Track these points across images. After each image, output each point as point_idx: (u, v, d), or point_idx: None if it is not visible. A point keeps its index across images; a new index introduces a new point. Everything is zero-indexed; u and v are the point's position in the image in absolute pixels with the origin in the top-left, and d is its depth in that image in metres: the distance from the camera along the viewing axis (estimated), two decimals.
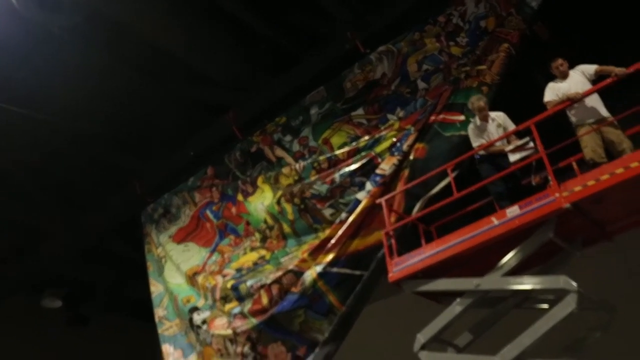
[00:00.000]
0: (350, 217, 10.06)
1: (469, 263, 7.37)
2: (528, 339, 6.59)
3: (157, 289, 12.69)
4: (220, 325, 10.90)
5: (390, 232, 8.18)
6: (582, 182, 6.70)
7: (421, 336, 7.31)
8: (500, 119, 8.31)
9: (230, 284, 11.00)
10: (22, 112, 11.24)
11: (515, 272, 7.08)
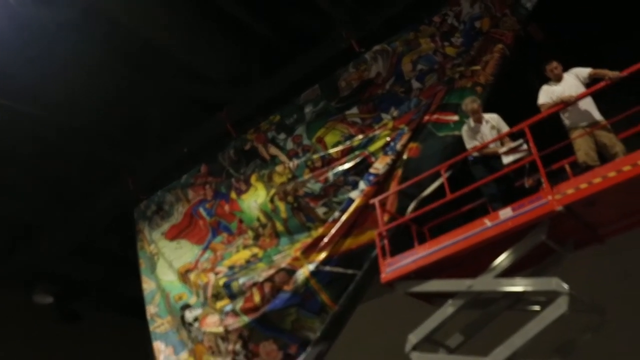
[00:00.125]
0: (343, 216, 10.07)
1: (461, 264, 7.39)
2: (519, 341, 6.62)
3: (149, 286, 12.65)
4: (212, 323, 10.88)
5: (383, 233, 8.18)
6: (574, 185, 6.73)
7: (413, 337, 7.33)
8: (494, 120, 8.32)
9: (222, 282, 10.98)
10: (14, 107, 11.18)
11: (508, 273, 7.12)
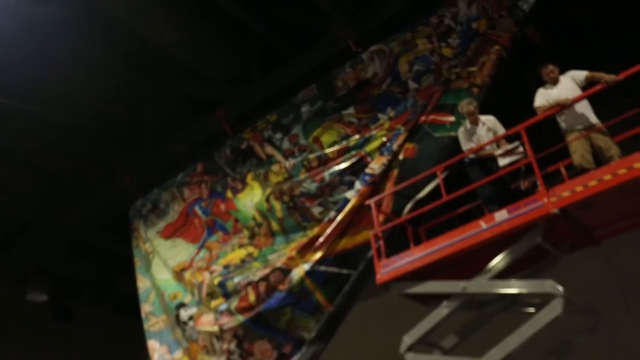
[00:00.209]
0: (339, 216, 10.08)
1: (456, 266, 7.38)
2: (513, 342, 6.62)
3: (144, 284, 12.63)
4: (207, 322, 10.89)
5: (379, 234, 8.18)
6: (570, 187, 6.72)
7: (407, 338, 7.33)
8: (490, 122, 8.32)
9: (217, 281, 11.00)
10: (11, 104, 11.15)
11: (503, 275, 7.12)
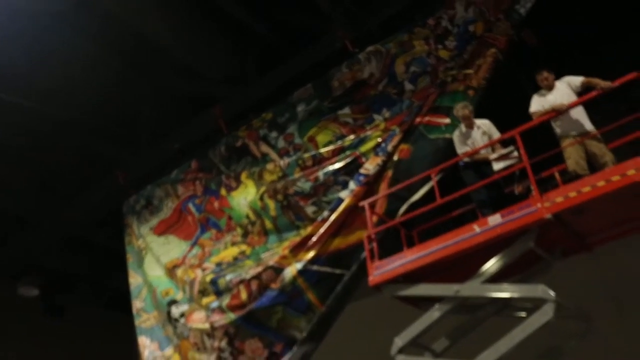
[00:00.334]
0: (333, 216, 10.06)
1: (449, 269, 7.40)
2: (504, 346, 6.67)
3: (136, 280, 12.61)
4: (198, 319, 10.87)
5: (372, 236, 8.19)
6: (563, 193, 6.76)
7: (398, 340, 7.36)
8: (485, 126, 8.34)
9: (210, 278, 10.98)
10: (5, 98, 11.10)
11: (495, 279, 7.14)
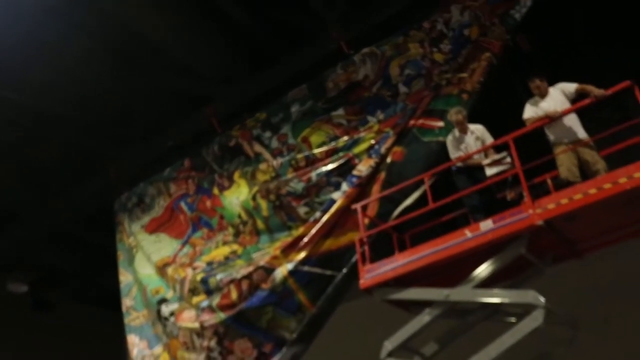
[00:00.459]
0: (325, 217, 10.08)
1: (440, 273, 7.41)
2: (494, 351, 6.69)
3: (126, 278, 12.58)
4: (188, 318, 10.85)
5: (364, 239, 8.19)
6: (555, 200, 6.78)
7: (388, 343, 7.37)
8: (479, 131, 8.34)
9: (200, 277, 10.97)
10: None
11: (486, 285, 7.17)
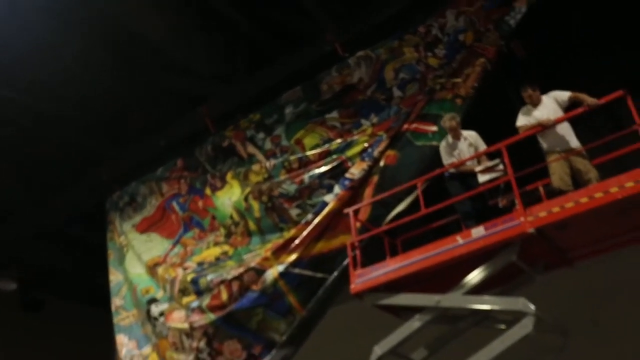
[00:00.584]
0: (316, 219, 10.06)
1: (431, 279, 7.43)
2: (483, 357, 6.73)
3: (116, 277, 12.54)
4: (178, 319, 10.82)
5: (356, 243, 8.20)
6: (547, 208, 6.82)
7: (378, 348, 7.38)
8: (472, 138, 8.37)
9: (190, 277, 10.94)
10: None
11: (477, 291, 7.20)
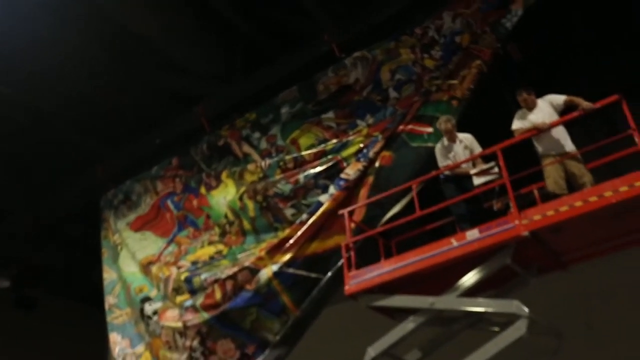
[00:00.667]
0: (311, 219, 10.06)
1: (426, 281, 7.45)
2: None
3: (110, 276, 12.51)
4: (171, 317, 10.80)
5: (350, 245, 8.21)
6: (541, 211, 6.85)
7: (372, 350, 7.39)
8: (467, 140, 8.38)
9: (184, 276, 10.92)
10: None
11: (471, 293, 7.21)
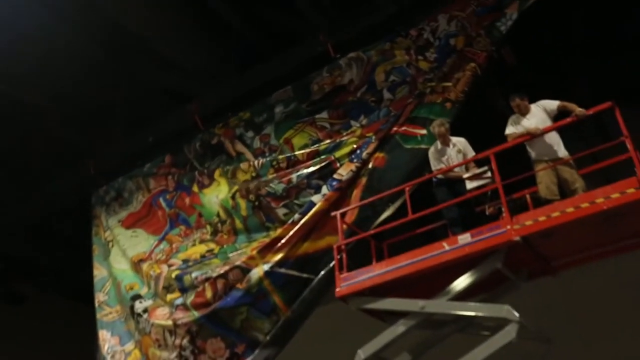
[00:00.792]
0: (303, 219, 10.06)
1: (417, 284, 7.46)
2: None
3: (100, 273, 12.49)
4: (161, 315, 10.80)
5: (342, 247, 8.21)
6: (533, 216, 6.87)
7: (362, 352, 7.40)
8: (461, 144, 8.38)
9: (175, 274, 10.91)
10: None
11: (461, 297, 7.23)
